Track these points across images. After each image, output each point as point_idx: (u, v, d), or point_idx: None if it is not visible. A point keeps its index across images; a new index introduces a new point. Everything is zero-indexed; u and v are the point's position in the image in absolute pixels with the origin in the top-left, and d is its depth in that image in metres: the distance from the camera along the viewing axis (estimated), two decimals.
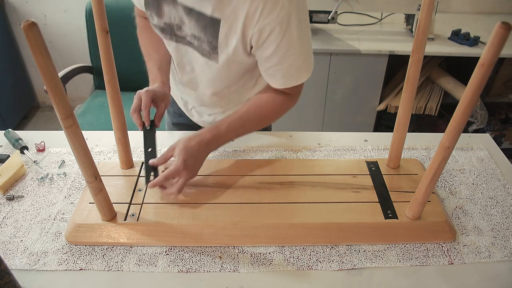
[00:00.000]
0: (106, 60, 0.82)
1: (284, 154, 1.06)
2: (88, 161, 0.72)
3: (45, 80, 0.60)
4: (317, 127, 2.21)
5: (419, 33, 0.77)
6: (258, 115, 0.92)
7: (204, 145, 0.86)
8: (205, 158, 0.88)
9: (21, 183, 0.96)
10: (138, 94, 0.91)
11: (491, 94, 2.23)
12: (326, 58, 1.95)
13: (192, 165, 0.84)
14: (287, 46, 0.81)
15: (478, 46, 1.92)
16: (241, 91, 1.01)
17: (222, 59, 0.87)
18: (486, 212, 0.89)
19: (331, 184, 0.92)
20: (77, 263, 0.78)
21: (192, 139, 0.85)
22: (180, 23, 0.87)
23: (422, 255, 0.80)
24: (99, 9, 0.77)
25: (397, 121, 0.91)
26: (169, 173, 0.82)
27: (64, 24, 2.55)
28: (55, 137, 1.11)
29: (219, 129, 0.87)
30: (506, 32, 0.55)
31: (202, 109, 1.11)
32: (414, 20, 1.98)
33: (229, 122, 0.89)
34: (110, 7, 1.93)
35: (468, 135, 1.14)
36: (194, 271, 0.77)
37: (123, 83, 1.03)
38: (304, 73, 0.88)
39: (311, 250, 0.80)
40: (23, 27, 0.54)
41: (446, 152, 0.70)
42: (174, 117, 1.25)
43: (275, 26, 0.78)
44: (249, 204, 0.87)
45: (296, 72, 0.87)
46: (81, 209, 0.85)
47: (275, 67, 0.85)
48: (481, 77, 0.61)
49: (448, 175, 1.00)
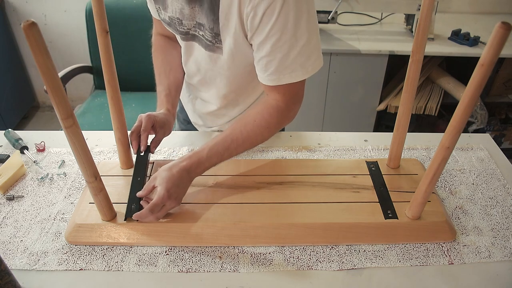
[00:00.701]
0: (106, 60, 0.82)
1: (284, 154, 1.06)
2: (88, 161, 0.72)
3: (45, 80, 0.60)
4: (317, 127, 2.21)
5: (419, 33, 0.77)
6: (244, 135, 0.85)
7: (186, 173, 0.81)
8: (188, 185, 0.83)
9: (21, 183, 0.96)
10: (140, 117, 0.91)
11: (491, 94, 2.23)
12: (326, 58, 1.94)
13: (176, 193, 0.80)
14: (281, 31, 0.76)
15: (478, 46, 1.92)
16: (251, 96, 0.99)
17: (226, 49, 0.85)
18: (486, 212, 0.89)
19: (331, 184, 0.92)
20: (77, 263, 0.78)
21: (173, 167, 0.81)
22: (181, 17, 0.87)
23: (422, 255, 0.80)
24: (99, 9, 0.77)
25: (397, 121, 0.91)
26: (154, 205, 0.78)
27: (64, 24, 2.55)
28: (55, 137, 1.11)
29: (200, 155, 0.83)
30: (506, 32, 0.55)
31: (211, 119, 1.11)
32: (414, 20, 1.99)
33: (210, 147, 0.84)
34: (110, 7, 1.93)
35: (468, 135, 1.14)
36: (194, 271, 0.77)
37: (123, 83, 1.03)
38: (300, 69, 0.81)
39: (311, 250, 0.80)
40: (23, 27, 0.54)
41: (446, 152, 0.70)
42: (183, 123, 1.27)
43: (269, 4, 0.73)
44: (249, 204, 0.87)
45: (290, 66, 0.80)
46: (81, 209, 0.85)
47: (267, 57, 0.80)
48: (481, 77, 0.61)
49: (448, 175, 1.00)
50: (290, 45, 0.78)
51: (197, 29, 0.88)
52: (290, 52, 0.79)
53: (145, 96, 2.07)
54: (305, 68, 0.82)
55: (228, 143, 0.85)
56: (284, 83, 0.83)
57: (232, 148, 0.85)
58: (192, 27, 0.88)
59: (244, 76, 0.95)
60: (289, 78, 0.82)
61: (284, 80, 0.82)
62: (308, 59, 0.81)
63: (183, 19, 0.87)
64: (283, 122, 0.88)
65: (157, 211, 0.79)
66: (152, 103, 1.01)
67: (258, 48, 0.81)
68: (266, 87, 0.87)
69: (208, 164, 0.84)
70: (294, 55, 0.79)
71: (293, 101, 0.87)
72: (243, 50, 0.85)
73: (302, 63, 0.81)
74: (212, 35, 0.85)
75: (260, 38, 0.79)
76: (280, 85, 0.83)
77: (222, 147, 0.84)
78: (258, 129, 0.86)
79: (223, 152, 0.85)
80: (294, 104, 0.88)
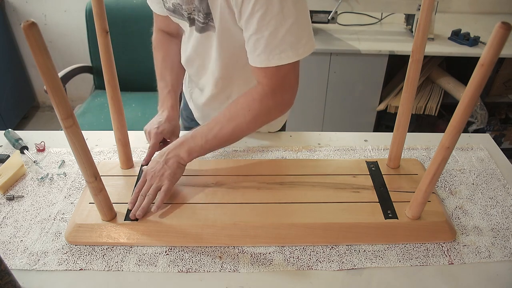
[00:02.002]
0: (106, 60, 0.82)
1: (284, 154, 1.06)
2: (88, 161, 0.72)
3: (45, 80, 0.60)
4: (317, 127, 2.21)
5: (419, 33, 0.77)
6: (227, 117, 0.86)
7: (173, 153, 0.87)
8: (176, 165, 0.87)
9: (21, 183, 0.96)
10: (148, 134, 0.97)
11: (491, 94, 2.23)
12: (326, 58, 1.95)
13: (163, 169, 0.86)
14: (266, 5, 0.74)
15: (478, 46, 1.92)
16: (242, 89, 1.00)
17: (216, 25, 0.85)
18: (486, 212, 0.89)
19: (331, 184, 0.92)
20: (77, 263, 0.78)
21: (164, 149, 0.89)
22: (181, 2, 0.87)
23: (422, 255, 0.80)
24: (99, 9, 0.77)
25: (397, 121, 0.91)
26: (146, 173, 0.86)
27: (64, 24, 2.55)
28: (55, 137, 1.11)
29: (186, 136, 0.89)
30: (506, 32, 0.55)
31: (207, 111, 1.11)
32: (414, 20, 1.99)
33: (196, 129, 0.89)
34: (110, 7, 1.93)
35: (468, 135, 1.14)
36: (194, 271, 0.77)
37: (123, 83, 1.03)
38: (290, 50, 0.78)
39: (311, 250, 0.80)
40: (23, 27, 0.54)
41: (446, 152, 0.70)
42: (186, 121, 1.28)
43: None
44: (249, 204, 0.87)
45: (279, 45, 0.78)
46: (81, 209, 0.85)
47: (255, 35, 0.78)
48: (481, 77, 0.61)
49: (448, 175, 1.00)
50: (277, 21, 0.76)
51: (196, 12, 0.88)
52: (278, 30, 0.77)
53: (145, 96, 2.07)
54: (296, 50, 0.79)
55: (212, 124, 0.88)
56: (274, 64, 0.80)
57: (215, 130, 0.87)
58: (192, 11, 0.88)
59: (234, 59, 0.93)
60: (278, 60, 0.79)
61: (274, 61, 0.80)
62: (298, 40, 0.79)
63: (183, 4, 0.87)
64: (268, 109, 0.86)
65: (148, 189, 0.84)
66: (152, 103, 1.01)
67: (246, 27, 0.79)
68: (255, 71, 0.84)
69: (192, 143, 0.87)
70: (283, 34, 0.77)
71: (280, 87, 0.84)
72: (231, 28, 0.84)
73: (292, 44, 0.78)
74: (203, 16, 0.85)
75: (246, 15, 0.77)
76: (268, 67, 0.81)
77: (206, 128, 0.88)
78: (241, 110, 0.86)
79: (207, 132, 0.87)
80: (282, 91, 0.85)
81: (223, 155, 1.05)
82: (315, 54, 2.02)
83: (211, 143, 0.87)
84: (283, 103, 0.87)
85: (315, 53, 2.04)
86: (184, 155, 0.87)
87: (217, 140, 0.87)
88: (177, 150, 0.87)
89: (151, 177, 0.86)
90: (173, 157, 0.87)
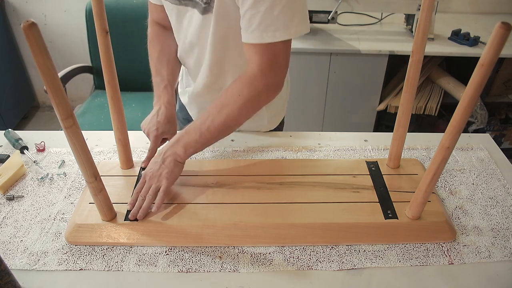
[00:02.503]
0: (106, 60, 0.82)
1: (284, 154, 1.06)
2: (88, 161, 0.72)
3: (45, 80, 0.60)
4: (317, 127, 2.21)
5: (419, 33, 0.77)
6: (218, 106, 0.86)
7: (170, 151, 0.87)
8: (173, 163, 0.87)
9: (21, 183, 0.96)
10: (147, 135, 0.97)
11: (491, 94, 2.23)
12: (326, 58, 1.95)
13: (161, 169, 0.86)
14: None
15: (478, 46, 1.92)
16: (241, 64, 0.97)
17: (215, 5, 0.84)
18: (486, 212, 0.89)
19: (331, 184, 0.92)
20: (77, 263, 0.78)
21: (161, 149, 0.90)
22: None
23: (422, 255, 0.80)
24: (99, 9, 0.77)
25: (397, 121, 0.91)
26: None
27: (64, 24, 2.55)
28: (55, 137, 1.11)
29: (180, 133, 0.89)
30: (506, 32, 0.55)
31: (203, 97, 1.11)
32: (414, 20, 1.99)
33: (189, 124, 0.89)
34: (110, 7, 1.94)
35: (468, 135, 1.14)
36: (194, 271, 0.77)
37: (123, 83, 1.03)
38: (282, 29, 0.80)
39: (311, 250, 0.80)
40: (23, 27, 0.54)
41: (446, 152, 0.70)
42: (182, 123, 1.27)
43: None
44: (249, 204, 0.87)
45: (274, 23, 0.79)
46: (81, 209, 0.85)
47: (251, 10, 0.79)
48: (481, 77, 0.61)
49: (448, 175, 1.00)
50: None
51: None
52: (274, 7, 0.77)
53: (145, 96, 2.07)
54: (288, 29, 0.80)
55: (205, 116, 0.88)
56: (267, 41, 0.80)
57: (208, 122, 0.86)
58: None
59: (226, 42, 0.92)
60: (272, 37, 0.80)
61: (267, 38, 0.80)
62: (291, 19, 0.80)
63: None
64: (258, 93, 0.86)
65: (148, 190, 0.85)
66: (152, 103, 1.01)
67: (243, 2, 0.80)
68: (247, 48, 0.84)
69: (187, 138, 0.87)
70: (278, 11, 0.78)
71: (270, 66, 0.84)
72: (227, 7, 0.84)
73: (285, 23, 0.80)
74: None
75: None
76: (261, 44, 0.81)
77: (199, 121, 0.88)
78: (230, 98, 0.86)
79: (200, 125, 0.87)
80: (271, 71, 0.85)
81: (223, 155, 1.05)
82: (315, 54, 2.02)
83: (205, 136, 0.87)
84: (273, 84, 0.87)
85: (315, 53, 2.05)
86: (180, 151, 0.87)
87: (210, 132, 0.87)
88: (173, 148, 0.88)
89: (150, 177, 0.86)
90: (170, 155, 0.87)
